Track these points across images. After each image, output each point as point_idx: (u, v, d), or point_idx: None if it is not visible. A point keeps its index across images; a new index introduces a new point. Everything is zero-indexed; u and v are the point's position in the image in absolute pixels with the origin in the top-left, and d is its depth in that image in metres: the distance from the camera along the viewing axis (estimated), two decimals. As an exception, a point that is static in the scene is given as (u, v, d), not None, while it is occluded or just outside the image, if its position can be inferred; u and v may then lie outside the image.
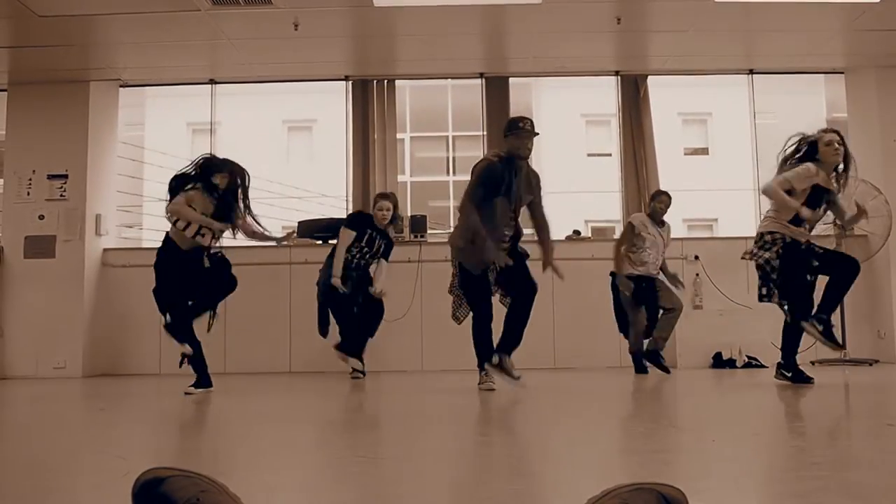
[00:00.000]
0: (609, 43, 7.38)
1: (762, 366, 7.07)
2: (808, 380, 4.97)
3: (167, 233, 5.21)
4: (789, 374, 5.05)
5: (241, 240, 5.53)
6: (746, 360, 7.08)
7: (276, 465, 2.48)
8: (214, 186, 5.14)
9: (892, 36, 7.00)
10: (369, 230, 6.43)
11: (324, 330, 6.52)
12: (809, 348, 7.26)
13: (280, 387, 6.05)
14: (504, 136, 5.04)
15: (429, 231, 7.97)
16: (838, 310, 7.26)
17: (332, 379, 6.49)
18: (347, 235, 6.37)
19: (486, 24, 6.98)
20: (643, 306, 6.54)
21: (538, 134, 5.00)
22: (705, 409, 4.09)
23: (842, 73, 8.17)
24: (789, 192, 4.88)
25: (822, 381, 5.60)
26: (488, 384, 4.95)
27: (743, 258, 5.44)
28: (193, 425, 3.78)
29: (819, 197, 4.94)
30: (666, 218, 6.74)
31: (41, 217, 7.58)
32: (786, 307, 5.08)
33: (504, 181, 4.92)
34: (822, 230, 7.36)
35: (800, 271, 4.97)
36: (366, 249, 6.41)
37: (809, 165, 4.87)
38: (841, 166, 4.99)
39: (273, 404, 4.72)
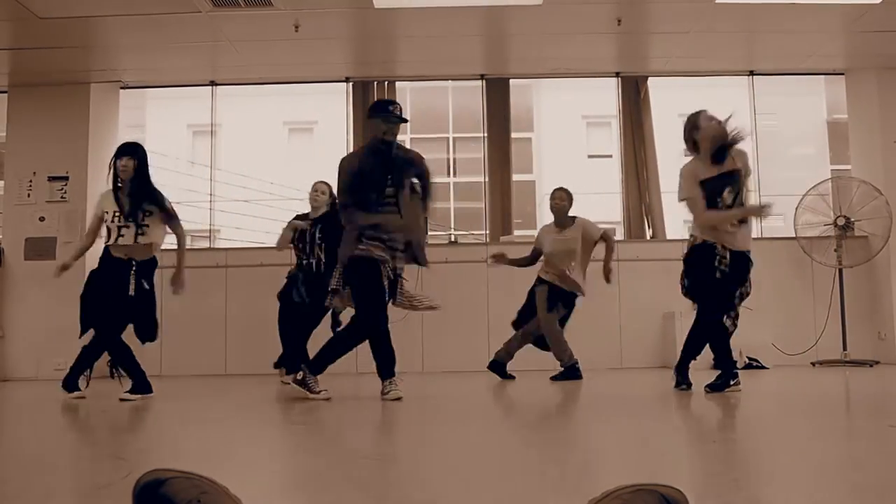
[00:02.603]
0: (610, 44, 7.39)
1: (763, 367, 7.06)
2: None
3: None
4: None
5: (239, 242, 5.44)
6: (747, 361, 7.07)
7: (278, 467, 2.48)
8: (116, 176, 4.84)
9: (893, 37, 6.99)
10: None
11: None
12: (810, 349, 7.29)
13: (281, 389, 6.04)
14: (369, 117, 4.72)
15: (428, 233, 7.95)
16: (839, 310, 7.28)
17: (334, 381, 6.48)
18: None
19: (486, 26, 6.98)
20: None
21: (406, 121, 4.69)
22: (705, 411, 4.09)
23: (842, 74, 8.17)
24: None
25: (823, 383, 5.61)
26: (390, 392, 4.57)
27: None
28: (195, 426, 3.78)
29: (717, 186, 4.58)
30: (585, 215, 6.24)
31: (42, 219, 7.58)
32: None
33: (367, 171, 4.57)
34: (823, 231, 7.40)
35: (704, 276, 4.64)
36: (300, 245, 6.12)
37: (684, 168, 4.69)
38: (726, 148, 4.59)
39: (274, 406, 4.72)
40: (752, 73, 8.19)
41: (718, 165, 4.60)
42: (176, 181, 10.36)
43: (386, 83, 8.18)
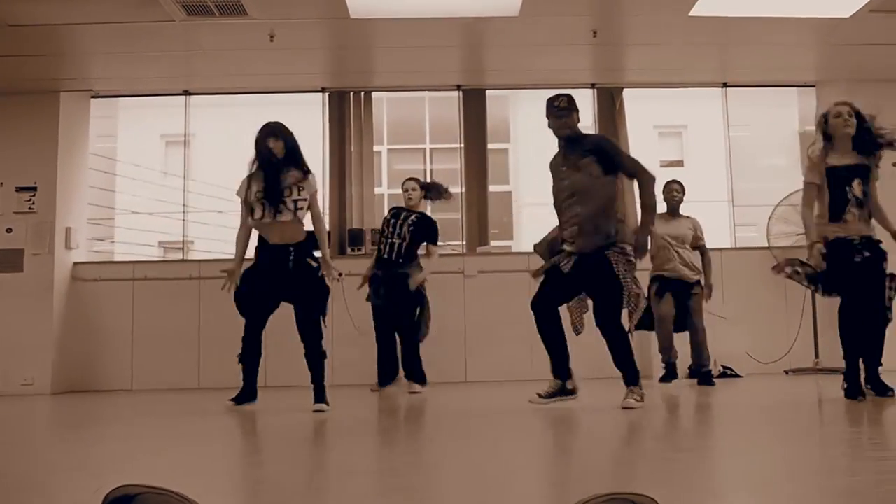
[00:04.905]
0: (585, 56, 7.42)
1: (737, 375, 7.10)
2: (855, 395, 4.55)
3: None
4: (845, 386, 4.64)
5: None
6: (722, 370, 7.10)
7: (250, 481, 2.44)
8: (268, 153, 4.82)
9: (862, 50, 7.10)
10: (392, 215, 6.34)
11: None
12: (783, 357, 7.34)
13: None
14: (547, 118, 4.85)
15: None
16: (811, 319, 7.34)
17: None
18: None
19: (463, 37, 6.98)
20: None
21: (575, 110, 4.72)
22: (682, 420, 4.09)
23: (813, 86, 8.27)
24: (819, 186, 4.72)
25: (796, 391, 5.65)
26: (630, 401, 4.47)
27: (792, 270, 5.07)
28: (166, 441, 3.72)
29: (842, 178, 4.64)
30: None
31: (9, 230, 7.42)
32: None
33: (553, 173, 4.79)
34: (795, 241, 7.45)
35: (842, 270, 4.62)
36: (387, 231, 6.26)
37: (809, 155, 4.81)
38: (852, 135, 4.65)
39: (253, 420, 4.65)
40: (725, 85, 8.27)
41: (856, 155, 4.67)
42: (148, 192, 10.29)
43: (362, 94, 8.16)
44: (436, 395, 5.87)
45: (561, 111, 4.70)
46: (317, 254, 4.95)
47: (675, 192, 6.69)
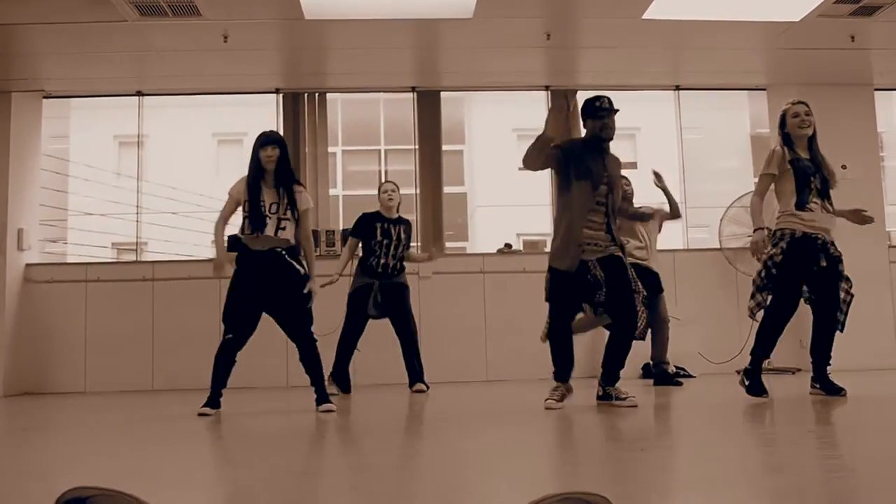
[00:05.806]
0: (539, 58, 7.48)
1: (690, 376, 7.21)
2: (760, 392, 4.75)
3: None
4: (747, 382, 4.84)
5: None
6: (674, 370, 7.20)
7: (204, 483, 2.43)
8: (257, 163, 4.75)
9: (811, 54, 7.27)
10: (379, 223, 6.19)
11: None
12: (735, 358, 7.46)
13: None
14: (583, 120, 4.87)
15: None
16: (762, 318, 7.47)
17: (266, 394, 6.39)
18: (352, 243, 6.23)
19: (418, 38, 7.00)
20: None
21: (616, 110, 4.73)
22: (635, 420, 4.15)
23: (764, 89, 8.43)
24: (774, 180, 4.83)
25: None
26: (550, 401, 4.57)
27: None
28: (120, 444, 3.68)
29: (805, 175, 4.76)
30: None
31: (-41, 232, 7.27)
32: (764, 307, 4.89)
33: (581, 162, 4.68)
34: (746, 242, 7.59)
35: (800, 270, 4.74)
36: (385, 241, 6.13)
37: (773, 148, 4.90)
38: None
39: (203, 422, 4.61)
40: (678, 88, 8.39)
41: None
42: (101, 193, 10.13)
43: (316, 95, 8.13)
44: (391, 397, 5.88)
45: (603, 111, 4.72)
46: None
47: (623, 185, 6.65)
